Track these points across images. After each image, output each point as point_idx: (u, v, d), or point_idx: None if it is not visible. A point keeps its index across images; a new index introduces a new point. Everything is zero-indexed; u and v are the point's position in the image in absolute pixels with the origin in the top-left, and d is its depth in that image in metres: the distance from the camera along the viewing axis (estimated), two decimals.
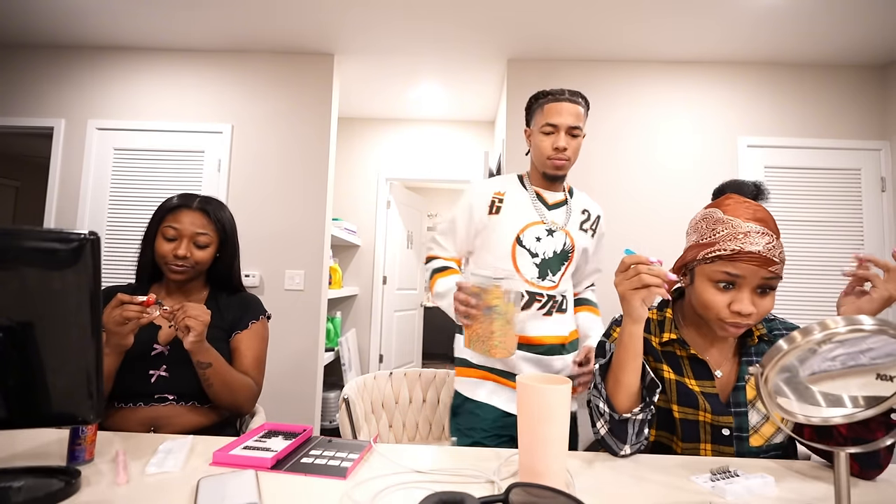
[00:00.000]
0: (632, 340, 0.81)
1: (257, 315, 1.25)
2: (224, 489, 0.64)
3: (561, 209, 1.31)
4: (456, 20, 2.35)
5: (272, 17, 2.37)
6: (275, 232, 2.64)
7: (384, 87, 3.22)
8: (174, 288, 1.20)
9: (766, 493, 0.71)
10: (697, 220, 0.91)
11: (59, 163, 2.64)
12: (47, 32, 2.57)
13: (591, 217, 1.35)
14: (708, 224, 0.88)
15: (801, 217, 2.55)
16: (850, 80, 2.64)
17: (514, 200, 1.29)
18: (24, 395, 0.64)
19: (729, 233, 0.83)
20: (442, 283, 1.29)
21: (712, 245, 0.84)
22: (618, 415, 0.82)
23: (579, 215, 1.33)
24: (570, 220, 1.30)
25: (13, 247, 0.64)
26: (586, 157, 2.65)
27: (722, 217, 0.86)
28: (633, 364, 0.82)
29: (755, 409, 0.87)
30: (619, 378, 0.83)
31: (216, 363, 1.06)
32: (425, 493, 0.55)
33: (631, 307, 0.78)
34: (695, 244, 0.89)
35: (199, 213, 1.17)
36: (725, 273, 0.82)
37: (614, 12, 2.24)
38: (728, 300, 0.83)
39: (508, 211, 1.28)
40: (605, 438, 0.84)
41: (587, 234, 1.33)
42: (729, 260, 0.81)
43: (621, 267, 0.79)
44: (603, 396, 0.85)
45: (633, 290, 0.76)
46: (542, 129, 1.24)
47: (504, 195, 1.30)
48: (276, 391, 2.52)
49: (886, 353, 0.57)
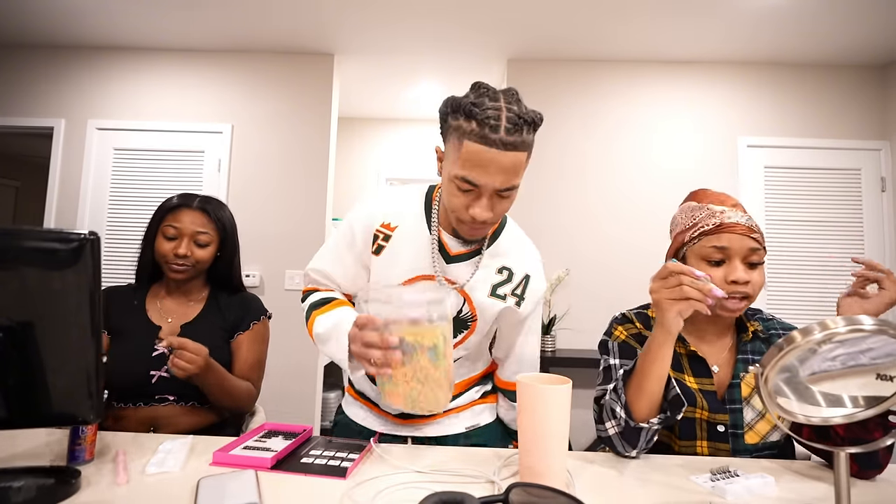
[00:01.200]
0: (660, 350, 0.78)
1: (258, 315, 1.25)
2: (224, 489, 0.64)
3: (465, 263, 0.91)
4: (456, 20, 2.35)
5: (272, 17, 2.37)
6: (275, 232, 2.64)
7: (384, 87, 3.22)
8: (174, 287, 1.20)
9: (766, 493, 0.70)
10: (675, 216, 0.96)
11: (59, 163, 2.64)
12: (47, 32, 2.57)
13: (515, 279, 0.93)
14: (686, 213, 0.92)
15: (801, 217, 2.55)
16: (851, 80, 2.64)
17: (406, 239, 0.91)
18: (24, 395, 0.64)
19: (707, 213, 0.88)
20: (323, 322, 0.88)
21: (695, 226, 0.88)
22: (634, 422, 0.80)
23: (493, 274, 0.92)
24: (475, 279, 0.91)
25: (13, 247, 0.64)
26: (585, 157, 2.65)
27: (698, 205, 0.91)
28: (659, 373, 0.79)
29: (750, 405, 0.87)
30: (642, 385, 0.80)
31: (216, 380, 1.06)
32: (425, 493, 0.55)
33: (665, 318, 0.75)
34: (678, 233, 0.92)
35: (200, 212, 1.17)
36: (713, 248, 0.85)
37: (614, 12, 2.24)
38: (722, 275, 0.85)
39: (393, 254, 0.91)
40: (612, 438, 0.83)
41: (504, 302, 0.92)
42: (713, 233, 0.85)
43: (662, 273, 0.76)
44: (622, 402, 0.82)
45: (671, 300, 0.74)
46: (455, 177, 0.79)
47: (395, 229, 0.92)
48: (276, 391, 2.52)
49: (886, 353, 0.57)
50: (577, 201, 2.64)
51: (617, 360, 0.92)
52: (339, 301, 0.94)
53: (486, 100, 0.77)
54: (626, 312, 1.00)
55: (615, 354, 0.93)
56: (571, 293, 2.58)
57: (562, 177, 2.66)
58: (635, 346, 0.93)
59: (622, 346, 0.94)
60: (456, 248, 0.91)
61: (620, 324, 0.98)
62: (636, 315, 0.98)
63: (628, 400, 0.82)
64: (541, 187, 2.65)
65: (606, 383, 0.90)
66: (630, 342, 0.94)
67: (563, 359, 2.28)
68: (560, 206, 2.64)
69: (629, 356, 0.92)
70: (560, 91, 2.70)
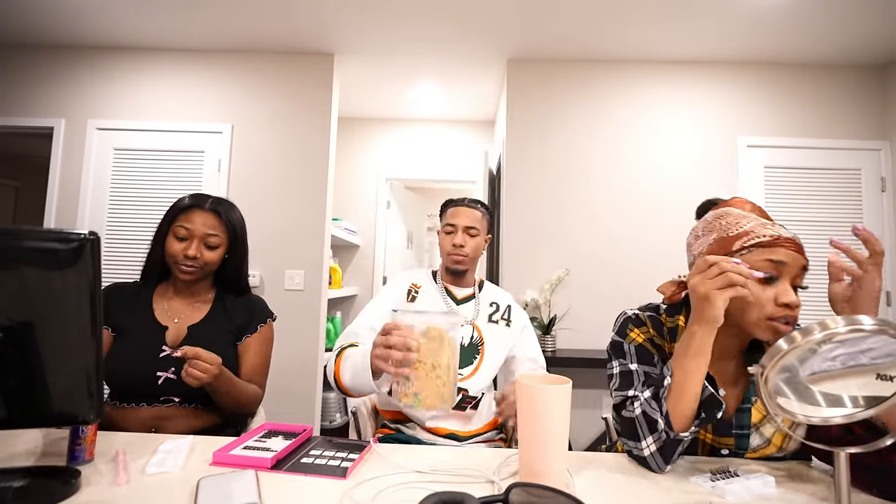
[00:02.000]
0: (703, 346, 0.75)
1: (265, 318, 1.25)
2: (224, 489, 0.64)
3: (469, 304, 1.37)
4: (456, 20, 2.35)
5: (272, 17, 2.37)
6: (275, 232, 2.64)
7: (384, 87, 3.22)
8: (181, 288, 1.20)
9: (766, 493, 0.70)
10: (710, 220, 0.85)
11: (59, 163, 2.64)
12: (47, 32, 2.57)
13: (501, 308, 1.39)
14: (728, 220, 0.82)
15: (801, 217, 2.55)
16: (850, 80, 2.64)
17: (427, 293, 1.37)
18: (24, 395, 0.64)
19: (758, 224, 0.79)
20: (351, 352, 1.09)
21: (747, 234, 0.78)
22: (674, 433, 0.75)
23: (487, 308, 1.37)
24: (479, 314, 1.35)
25: (13, 247, 0.64)
26: (585, 157, 2.65)
27: (741, 212, 0.82)
28: (702, 373, 0.76)
29: (759, 432, 0.83)
30: (684, 389, 0.76)
31: (225, 388, 1.06)
32: (425, 493, 0.55)
33: (714, 308, 0.72)
34: (720, 239, 0.81)
35: (211, 213, 1.17)
36: (768, 261, 0.76)
37: (614, 13, 2.24)
38: (771, 295, 0.76)
39: (423, 301, 1.35)
40: (648, 459, 0.77)
41: (498, 325, 1.35)
42: (769, 246, 0.76)
43: (701, 266, 0.74)
44: (663, 412, 0.77)
45: (718, 289, 0.71)
46: (444, 228, 1.40)
47: (420, 287, 1.38)
48: (277, 391, 2.52)
49: (886, 353, 0.57)
50: (577, 201, 2.64)
51: (636, 364, 0.87)
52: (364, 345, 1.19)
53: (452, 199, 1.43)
54: (640, 314, 0.94)
55: (633, 358, 0.88)
56: (571, 293, 2.58)
57: (561, 177, 2.66)
58: (652, 352, 0.88)
59: (639, 350, 0.89)
60: (460, 294, 1.38)
61: (637, 326, 0.92)
62: (649, 318, 0.92)
63: (669, 409, 0.76)
64: (540, 187, 2.65)
65: (625, 389, 0.85)
66: (647, 346, 0.89)
67: (563, 359, 2.28)
68: (559, 206, 2.64)
69: (647, 361, 0.87)
70: (559, 91, 2.70)
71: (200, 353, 0.98)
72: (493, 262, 3.10)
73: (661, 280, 1.70)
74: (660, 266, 2.56)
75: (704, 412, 0.77)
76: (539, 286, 2.57)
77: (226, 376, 1.05)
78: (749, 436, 0.83)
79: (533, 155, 2.67)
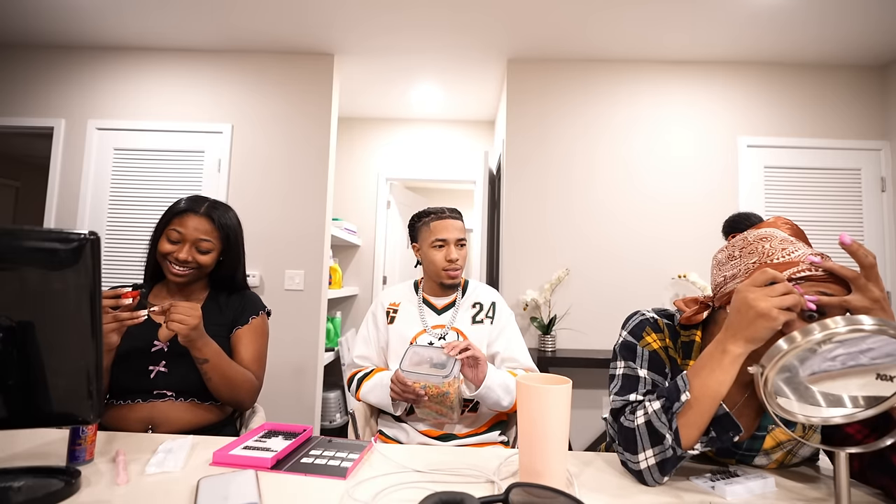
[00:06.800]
0: (734, 365, 0.69)
1: (257, 311, 1.26)
2: (224, 489, 0.64)
3: (448, 312, 1.38)
4: (456, 20, 2.35)
5: (272, 17, 2.37)
6: (275, 232, 2.64)
7: (384, 88, 3.22)
8: (175, 288, 1.21)
9: (766, 493, 0.71)
10: (751, 241, 0.78)
11: (59, 163, 2.64)
12: (47, 32, 2.57)
13: (485, 307, 1.38)
14: (773, 244, 0.75)
15: (801, 217, 2.55)
16: (850, 81, 2.64)
17: (405, 310, 1.40)
18: (24, 395, 0.64)
19: (805, 252, 0.72)
20: (369, 384, 1.30)
21: (795, 264, 0.71)
22: (681, 450, 0.71)
23: (469, 310, 1.38)
24: (458, 318, 1.36)
25: (13, 247, 0.64)
26: (586, 157, 2.65)
27: (787, 237, 0.76)
28: (722, 393, 0.70)
29: (767, 456, 0.81)
30: (704, 408, 0.71)
31: (214, 358, 1.06)
32: (425, 493, 0.55)
33: (770, 326, 0.66)
34: (764, 265, 0.74)
35: (205, 218, 1.18)
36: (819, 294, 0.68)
37: (614, 13, 2.24)
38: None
39: (401, 320, 1.38)
40: (644, 472, 0.73)
41: (483, 324, 1.35)
42: (822, 282, 0.69)
43: (761, 279, 0.68)
44: (672, 427, 0.71)
45: (782, 309, 0.65)
46: (432, 244, 1.36)
47: (398, 305, 1.41)
48: (276, 391, 2.52)
49: (886, 353, 0.57)
50: (577, 202, 2.64)
51: (646, 371, 0.83)
52: (377, 369, 1.36)
53: (429, 210, 1.41)
54: (658, 319, 0.88)
55: (645, 363, 0.83)
56: (571, 293, 2.59)
57: (561, 177, 2.66)
58: (665, 361, 0.84)
59: (653, 357, 0.84)
60: (440, 303, 1.40)
61: (654, 331, 0.86)
62: (667, 326, 0.87)
63: (679, 424, 0.72)
64: (540, 187, 2.65)
65: (626, 393, 0.81)
66: (661, 354, 0.84)
67: (563, 359, 2.28)
68: (559, 206, 2.64)
69: (658, 370, 0.83)
70: (559, 91, 2.70)
71: (176, 302, 1.01)
72: (493, 263, 3.10)
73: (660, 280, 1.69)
74: (660, 266, 2.56)
75: (715, 432, 0.72)
76: (539, 286, 2.57)
77: (212, 343, 1.06)
78: (755, 457, 0.81)
79: (533, 155, 2.67)
